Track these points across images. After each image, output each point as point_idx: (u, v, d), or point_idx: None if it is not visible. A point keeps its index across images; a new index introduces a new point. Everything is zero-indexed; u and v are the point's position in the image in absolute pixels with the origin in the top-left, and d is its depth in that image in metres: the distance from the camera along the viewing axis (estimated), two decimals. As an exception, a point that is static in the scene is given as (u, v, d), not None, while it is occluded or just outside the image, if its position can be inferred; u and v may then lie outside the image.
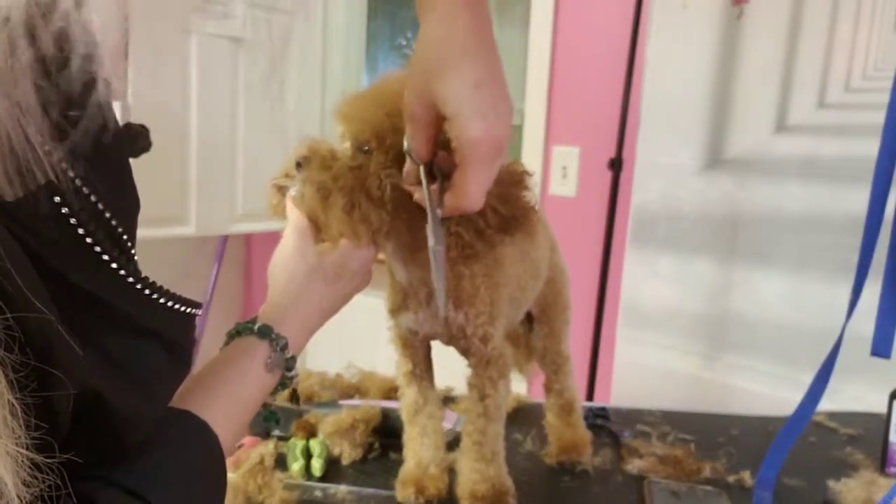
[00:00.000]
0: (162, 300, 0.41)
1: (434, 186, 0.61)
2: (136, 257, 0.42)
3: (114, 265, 0.37)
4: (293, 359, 0.60)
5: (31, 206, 0.32)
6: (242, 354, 0.57)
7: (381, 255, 0.77)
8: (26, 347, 0.30)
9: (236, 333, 0.59)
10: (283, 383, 0.60)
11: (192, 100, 2.00)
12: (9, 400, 0.29)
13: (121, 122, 0.42)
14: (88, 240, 0.35)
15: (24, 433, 0.30)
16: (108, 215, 0.39)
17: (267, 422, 1.01)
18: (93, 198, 0.38)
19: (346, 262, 0.66)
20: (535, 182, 0.71)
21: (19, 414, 0.30)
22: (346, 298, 0.68)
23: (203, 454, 0.47)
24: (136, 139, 0.45)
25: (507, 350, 0.81)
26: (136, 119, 0.87)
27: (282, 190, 0.70)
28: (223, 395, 0.53)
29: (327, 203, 0.63)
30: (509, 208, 0.67)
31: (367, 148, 0.66)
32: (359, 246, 0.65)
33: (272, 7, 2.19)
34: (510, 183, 0.68)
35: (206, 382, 0.53)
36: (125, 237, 0.40)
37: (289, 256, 0.65)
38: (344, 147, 0.68)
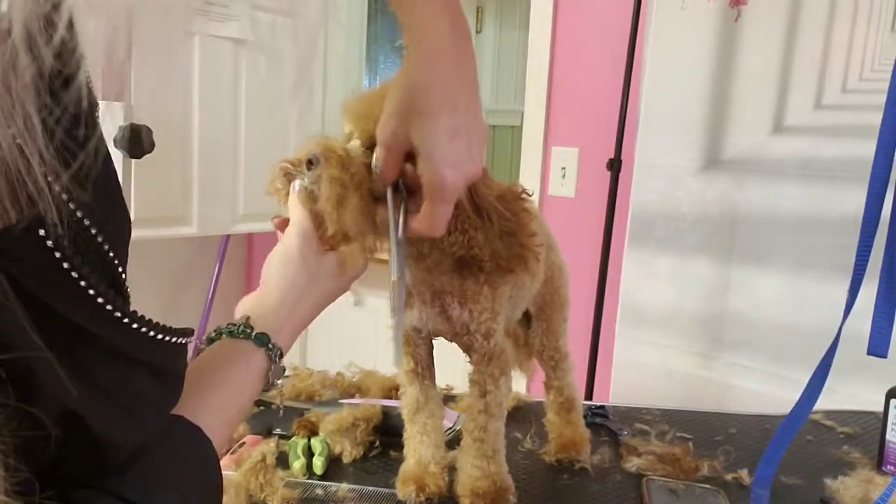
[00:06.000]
0: (151, 333, 0.39)
1: (398, 213, 0.64)
2: (127, 286, 0.40)
3: (100, 300, 0.35)
4: (283, 368, 0.60)
5: (15, 237, 0.31)
6: (238, 361, 0.56)
7: (383, 256, 0.78)
8: (7, 384, 0.30)
9: (228, 333, 0.58)
10: (267, 388, 0.60)
11: (195, 101, 2.01)
12: None
13: (124, 124, 0.41)
14: (74, 274, 0.34)
15: (2, 473, 0.29)
16: (106, 247, 0.38)
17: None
18: (92, 230, 0.37)
19: (359, 273, 0.67)
20: (534, 183, 0.74)
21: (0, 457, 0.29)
22: (330, 303, 0.68)
23: (197, 460, 0.46)
24: (140, 140, 0.45)
25: (509, 347, 0.82)
26: (138, 120, 0.88)
27: (288, 176, 0.68)
28: (218, 401, 0.52)
29: (343, 205, 0.62)
30: (509, 249, 0.68)
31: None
32: (371, 247, 0.66)
33: (275, 9, 2.19)
34: (511, 198, 0.70)
35: (201, 387, 0.52)
36: (119, 268, 0.39)
37: (290, 260, 0.64)
38: (352, 145, 0.68)
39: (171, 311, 2.35)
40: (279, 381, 0.60)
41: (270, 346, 0.58)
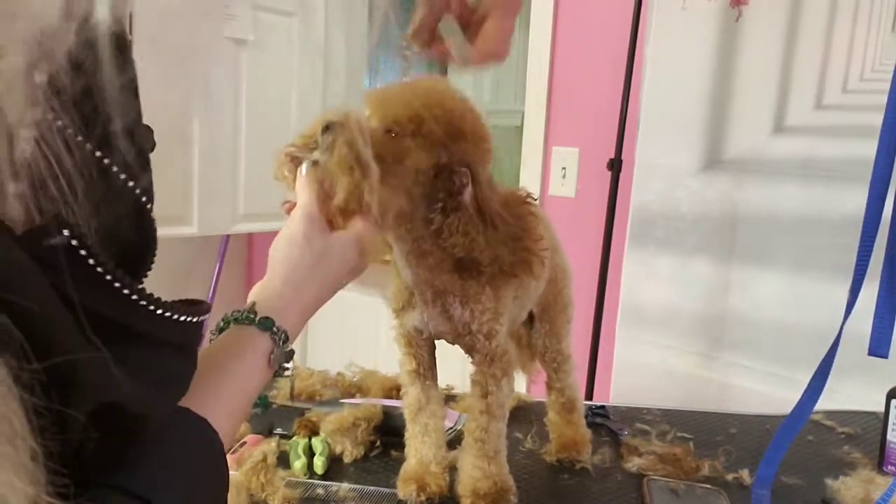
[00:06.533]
0: (175, 316, 0.40)
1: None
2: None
3: (126, 291, 0.36)
4: (292, 351, 0.59)
5: (40, 237, 0.32)
6: (244, 348, 0.56)
7: (386, 256, 0.78)
8: (49, 389, 0.30)
9: (234, 321, 0.57)
10: (276, 371, 0.59)
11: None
12: (31, 446, 0.29)
13: None
14: (99, 269, 0.35)
15: (44, 477, 0.29)
16: (155, 226, 0.40)
17: (256, 406, 1.02)
18: (150, 210, 0.39)
19: (361, 252, 0.65)
20: (534, 183, 0.75)
21: (41, 459, 0.29)
22: (341, 286, 0.67)
23: (205, 453, 0.46)
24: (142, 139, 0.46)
25: (512, 348, 0.82)
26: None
27: (294, 161, 0.67)
28: (226, 392, 0.52)
29: (354, 170, 0.61)
30: (513, 254, 0.69)
31: (395, 133, 0.67)
32: (383, 222, 0.65)
33: (275, 9, 2.20)
34: (516, 202, 0.70)
35: (207, 377, 0.51)
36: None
37: (294, 242, 0.63)
38: (371, 126, 0.67)
39: (172, 311, 2.34)
40: (289, 365, 0.59)
41: (275, 329, 0.57)
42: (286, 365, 0.58)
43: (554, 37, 1.91)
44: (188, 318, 0.41)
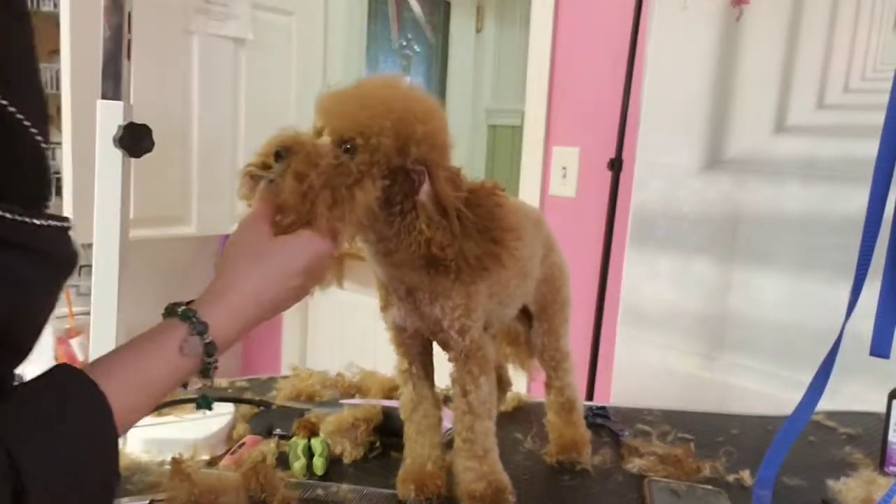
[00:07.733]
0: (31, 220, 0.42)
1: None
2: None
3: None
4: (212, 344, 0.59)
5: None
6: (161, 334, 0.57)
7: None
8: None
9: (167, 314, 0.60)
10: (205, 370, 0.59)
11: (195, 100, 2.01)
12: None
13: (124, 122, 0.42)
14: None
15: None
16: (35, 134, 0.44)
17: (200, 408, 1.01)
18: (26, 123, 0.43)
19: (310, 258, 0.65)
20: (534, 183, 0.73)
21: None
22: (295, 293, 0.66)
23: (88, 412, 0.47)
24: (140, 140, 0.46)
25: (489, 344, 0.81)
26: (138, 119, 0.88)
27: (255, 179, 0.68)
28: (129, 366, 0.53)
29: (307, 198, 0.63)
30: (481, 247, 0.68)
31: (348, 147, 0.67)
32: (334, 244, 0.65)
33: (275, 8, 2.19)
34: (484, 194, 0.70)
35: (117, 354, 0.54)
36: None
37: (233, 245, 0.65)
38: (322, 141, 0.68)
39: (171, 311, 2.34)
40: (212, 359, 0.59)
41: (194, 320, 0.58)
42: (209, 360, 0.59)
43: (554, 36, 1.91)
44: (45, 222, 0.44)
